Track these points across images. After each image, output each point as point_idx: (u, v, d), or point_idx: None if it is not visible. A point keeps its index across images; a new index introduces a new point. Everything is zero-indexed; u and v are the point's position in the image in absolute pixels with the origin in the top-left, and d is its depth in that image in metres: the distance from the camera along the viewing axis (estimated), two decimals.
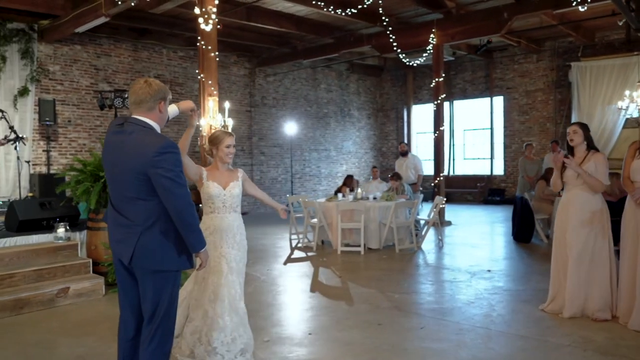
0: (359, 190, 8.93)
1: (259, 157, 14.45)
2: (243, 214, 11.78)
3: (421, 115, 16.43)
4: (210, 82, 6.56)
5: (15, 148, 6.91)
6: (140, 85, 2.75)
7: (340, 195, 8.84)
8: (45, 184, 8.92)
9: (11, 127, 6.86)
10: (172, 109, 3.26)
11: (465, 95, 15.64)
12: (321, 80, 16.04)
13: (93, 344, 4.11)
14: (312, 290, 5.76)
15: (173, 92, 12.40)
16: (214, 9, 6.45)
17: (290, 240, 8.86)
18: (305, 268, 6.95)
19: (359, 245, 7.88)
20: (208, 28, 6.27)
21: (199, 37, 6.61)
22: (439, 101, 10.78)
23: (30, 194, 8.86)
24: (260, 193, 4.31)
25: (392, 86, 17.47)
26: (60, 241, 5.90)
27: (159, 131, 2.78)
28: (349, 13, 9.02)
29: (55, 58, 10.51)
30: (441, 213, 10.77)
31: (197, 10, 6.31)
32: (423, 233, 8.66)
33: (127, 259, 2.69)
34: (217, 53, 6.67)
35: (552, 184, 4.84)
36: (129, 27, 11.14)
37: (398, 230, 8.21)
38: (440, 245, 8.48)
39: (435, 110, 10.89)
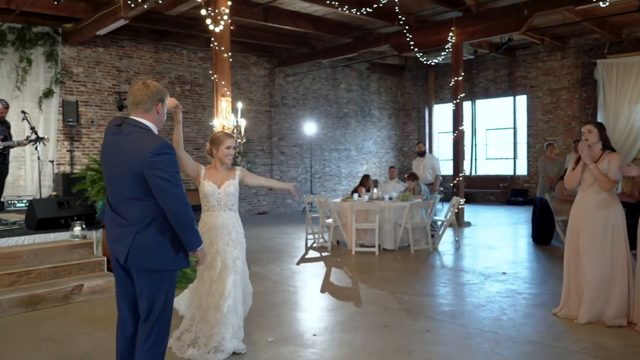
0: (375, 190, 8.88)
1: (278, 156, 14.50)
2: (262, 213, 11.87)
3: (443, 114, 16.23)
4: (223, 82, 6.60)
5: (36, 148, 7.09)
6: (138, 87, 2.79)
7: (356, 195, 8.80)
8: (68, 183, 9.12)
9: (32, 128, 7.05)
10: None
11: (487, 94, 15.38)
12: (341, 80, 16.01)
13: (102, 340, 4.19)
14: (322, 290, 5.74)
15: (193, 93, 12.59)
16: (226, 10, 6.49)
17: (307, 240, 8.88)
18: (318, 268, 6.94)
19: (374, 246, 7.83)
20: (217, 29, 6.32)
21: (212, 39, 6.66)
22: (458, 100, 10.63)
23: (54, 193, 9.08)
24: (267, 180, 4.44)
25: (413, 85, 17.31)
26: (76, 239, 6.04)
27: (156, 132, 2.82)
28: (364, 12, 8.97)
29: (78, 60, 10.76)
30: (460, 214, 10.63)
31: (203, 12, 6.37)
32: (439, 234, 8.55)
33: (122, 258, 2.73)
34: (230, 54, 6.73)
35: (566, 179, 4.69)
36: (150, 29, 11.32)
37: (413, 231, 8.13)
38: (457, 246, 8.36)
39: (454, 110, 10.74)
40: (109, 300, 5.44)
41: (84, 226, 6.14)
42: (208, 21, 6.33)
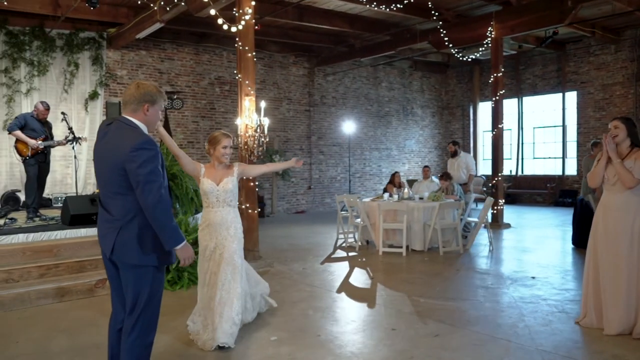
0: (406, 189, 8.71)
1: (317, 156, 14.52)
2: (300, 212, 11.93)
3: (488, 112, 15.64)
4: (247, 82, 6.66)
5: (73, 148, 7.42)
6: (130, 88, 2.88)
7: (387, 194, 8.65)
8: None
9: (70, 129, 7.39)
10: None
11: (535, 90, 14.73)
12: (382, 78, 15.82)
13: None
14: (338, 291, 5.68)
15: (232, 93, 12.80)
16: (249, 10, 6.55)
17: (337, 239, 8.84)
18: (341, 268, 6.88)
19: (402, 247, 7.68)
20: (234, 29, 6.39)
21: (236, 39, 6.75)
22: (497, 97, 10.23)
23: (97, 191, 9.51)
24: (266, 167, 4.56)
25: (457, 83, 16.86)
26: None
27: (145, 131, 2.87)
28: (395, 8, 8.80)
29: (122, 63, 11.21)
30: (499, 215, 10.25)
31: (212, 11, 6.45)
32: (471, 236, 8.27)
33: (108, 252, 2.82)
34: (254, 53, 6.77)
35: (588, 176, 4.41)
36: (189, 31, 11.64)
37: (444, 232, 7.92)
38: (490, 248, 8.05)
39: (493, 107, 10.35)
40: None
41: None
42: (220, 21, 6.38)
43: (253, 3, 6.64)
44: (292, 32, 12.26)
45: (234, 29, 6.37)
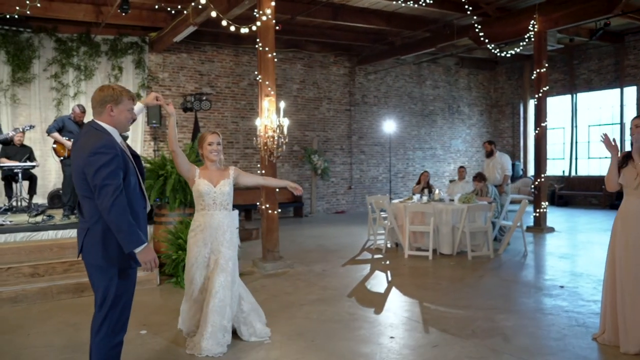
0: (437, 191, 8.43)
1: (358, 155, 14.38)
2: (340, 212, 11.88)
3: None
4: (267, 82, 6.67)
5: None
6: (95, 92, 2.93)
7: (417, 196, 8.41)
8: None
9: None
10: (139, 107, 3.44)
11: (590, 86, 13.84)
12: (427, 76, 15.44)
13: None
14: (350, 295, 5.57)
15: None
16: (268, 10, 6.55)
17: (367, 241, 8.70)
18: (361, 271, 6.75)
19: (429, 250, 7.44)
20: (243, 30, 6.40)
21: (257, 40, 6.77)
22: (541, 94, 9.69)
23: None
24: (263, 179, 4.39)
25: (507, 79, 16.16)
26: None
27: (115, 133, 2.91)
28: (431, 2, 8.52)
29: (164, 66, 11.58)
30: (542, 218, 9.72)
31: (213, 13, 6.47)
32: (504, 240, 7.88)
33: (78, 252, 2.89)
34: (274, 54, 6.77)
35: (605, 180, 4.07)
36: (228, 33, 11.79)
37: (474, 236, 7.60)
38: (524, 254, 7.64)
39: (536, 105, 9.82)
40: (148, 292, 5.78)
41: None
42: (224, 22, 6.40)
43: (273, 4, 6.63)
44: (330, 31, 12.20)
45: (243, 30, 6.36)
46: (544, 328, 4.39)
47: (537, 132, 9.75)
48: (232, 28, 6.57)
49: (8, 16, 8.37)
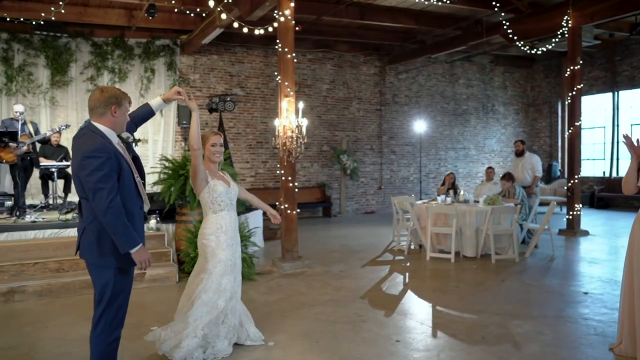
0: (462, 192, 8.25)
1: (389, 156, 14.24)
2: (370, 212, 11.85)
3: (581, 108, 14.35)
4: (286, 83, 6.71)
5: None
6: (94, 93, 3.00)
7: (441, 197, 8.25)
8: None
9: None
10: (157, 102, 3.49)
11: (633, 83, 13.21)
12: (460, 75, 15.13)
13: (130, 325, 4.56)
14: (363, 297, 5.52)
15: (301, 94, 12.93)
16: (287, 11, 6.58)
17: (392, 242, 8.61)
18: (380, 272, 6.68)
19: (451, 252, 7.29)
20: (257, 32, 6.44)
21: (277, 40, 6.82)
22: (574, 92, 9.33)
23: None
24: (250, 196, 4.27)
25: (544, 77, 15.64)
26: (150, 231, 6.67)
27: (112, 135, 2.99)
28: (447, 2, 8.36)
29: (195, 68, 11.82)
30: (575, 221, 9.35)
31: (222, 15, 6.51)
32: (531, 243, 7.63)
33: (75, 250, 2.98)
34: (293, 54, 6.80)
35: (622, 183, 3.86)
36: (258, 35, 11.92)
37: (499, 239, 7.41)
38: (552, 258, 7.37)
39: (569, 103, 9.46)
40: (167, 289, 5.92)
41: (158, 219, 6.75)
42: (236, 24, 6.45)
43: (292, 4, 6.65)
44: (359, 31, 12.13)
45: (257, 32, 6.40)
46: (559, 336, 4.22)
47: (570, 131, 9.39)
48: (245, 29, 6.61)
49: (42, 22, 8.75)
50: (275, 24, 6.60)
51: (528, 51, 10.32)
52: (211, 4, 6.94)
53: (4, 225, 6.64)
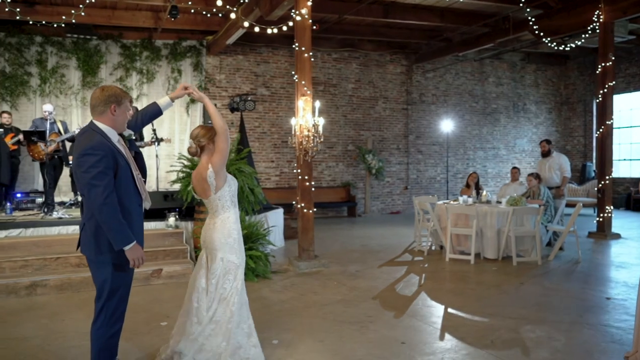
0: (484, 192, 8.07)
1: (415, 155, 14.08)
2: (395, 212, 11.73)
3: (617, 107, 13.81)
4: (303, 82, 6.71)
5: (156, 147, 8.11)
6: (95, 92, 3.08)
7: (462, 197, 8.09)
8: None
9: (153, 130, 8.08)
10: (165, 101, 3.52)
11: None
12: (489, 73, 14.81)
13: (141, 320, 4.67)
14: (375, 297, 5.46)
15: (327, 93, 12.94)
16: (304, 10, 6.58)
17: (413, 242, 8.52)
18: (396, 273, 6.60)
19: (471, 254, 7.14)
20: (270, 31, 6.44)
21: (294, 40, 6.83)
22: (605, 90, 9.00)
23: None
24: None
25: (579, 75, 15.13)
26: (169, 228, 6.80)
27: (111, 133, 3.04)
28: None
29: (221, 68, 11.97)
30: (606, 224, 9.02)
31: (230, 14, 6.51)
32: (556, 245, 7.39)
33: (76, 246, 3.07)
34: (311, 53, 6.79)
35: None
36: (283, 34, 11.98)
37: (522, 240, 7.23)
38: (577, 261, 7.12)
39: (599, 102, 9.13)
40: (182, 285, 5.98)
41: (177, 217, 6.87)
42: (246, 24, 6.47)
43: (309, 3, 6.65)
44: (384, 29, 12.03)
45: (269, 31, 6.41)
46: (572, 342, 4.07)
47: (600, 131, 9.05)
48: (257, 29, 6.64)
49: (74, 24, 9.01)
50: (291, 23, 6.60)
51: (556, 48, 9.99)
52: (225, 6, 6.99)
53: (31, 221, 6.90)
